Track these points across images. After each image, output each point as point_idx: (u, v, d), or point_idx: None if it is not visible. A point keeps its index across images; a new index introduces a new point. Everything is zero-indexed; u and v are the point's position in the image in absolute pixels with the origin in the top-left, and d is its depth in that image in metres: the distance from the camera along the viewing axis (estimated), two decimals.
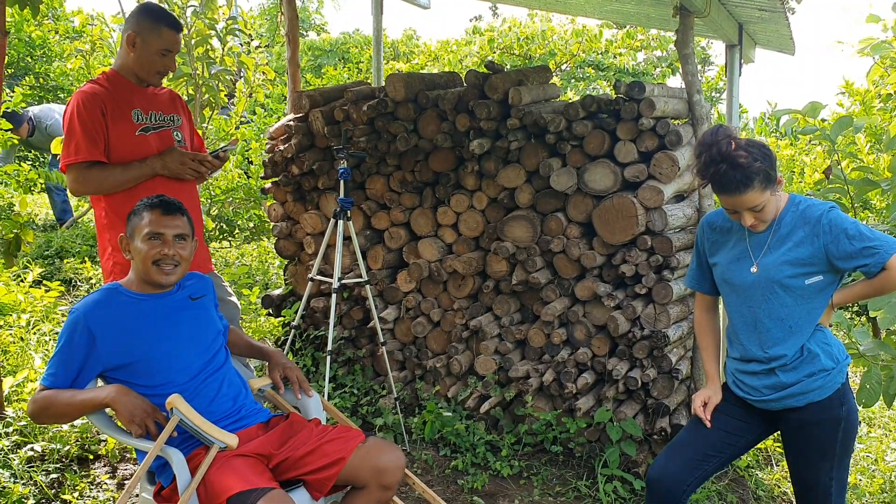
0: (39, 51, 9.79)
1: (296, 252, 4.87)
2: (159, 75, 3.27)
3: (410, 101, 4.24)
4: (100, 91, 3.14)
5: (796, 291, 2.48)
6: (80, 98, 3.10)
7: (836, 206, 2.47)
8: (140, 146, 3.20)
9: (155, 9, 3.28)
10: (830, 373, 2.50)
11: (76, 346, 2.39)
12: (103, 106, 3.11)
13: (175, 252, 2.51)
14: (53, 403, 2.36)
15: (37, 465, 3.42)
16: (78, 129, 3.07)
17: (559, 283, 4.02)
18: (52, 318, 4.95)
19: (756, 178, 2.36)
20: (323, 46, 15.91)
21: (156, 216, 2.50)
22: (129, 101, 3.21)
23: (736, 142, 2.39)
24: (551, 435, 3.91)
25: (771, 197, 2.42)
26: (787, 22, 4.48)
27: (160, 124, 3.31)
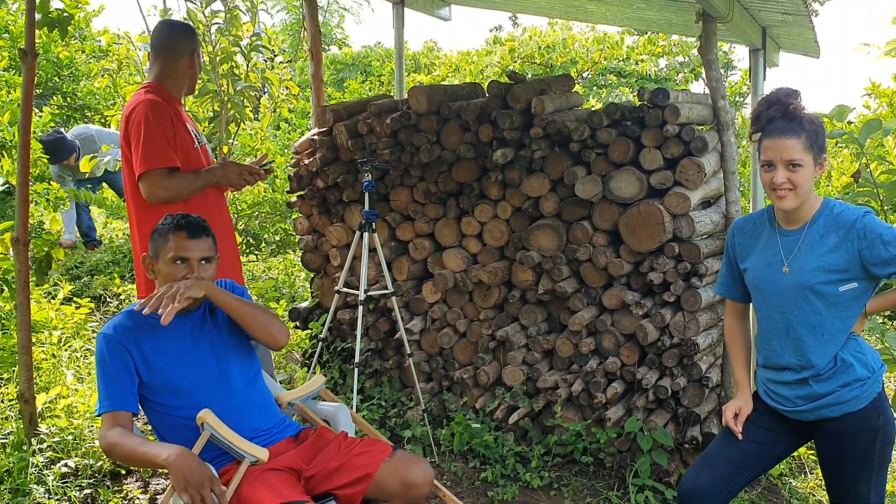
0: (66, 70, 9.94)
1: (322, 264, 4.89)
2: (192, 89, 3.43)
3: (433, 113, 4.25)
4: (162, 102, 3.21)
5: (829, 298, 2.43)
6: (148, 107, 3.13)
7: (872, 210, 2.42)
8: (197, 158, 3.30)
9: (175, 22, 3.45)
10: (866, 382, 2.45)
11: (113, 365, 2.40)
12: (170, 113, 3.18)
13: (200, 276, 2.51)
14: (117, 447, 2.32)
15: (70, 481, 3.45)
16: (157, 134, 3.09)
17: (586, 292, 4.00)
18: (83, 334, 5.01)
19: (803, 131, 2.37)
20: (345, 60, 16.01)
21: (182, 239, 2.50)
22: (180, 114, 3.30)
23: (797, 101, 2.42)
24: (581, 445, 3.89)
25: (810, 169, 2.39)
26: (812, 25, 4.44)
27: (201, 138, 3.42)
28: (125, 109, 3.28)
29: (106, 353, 2.41)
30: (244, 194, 7.28)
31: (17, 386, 3.74)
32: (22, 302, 3.60)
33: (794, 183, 2.39)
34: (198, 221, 2.56)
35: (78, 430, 3.72)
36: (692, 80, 12.87)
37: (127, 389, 2.40)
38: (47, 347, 4.52)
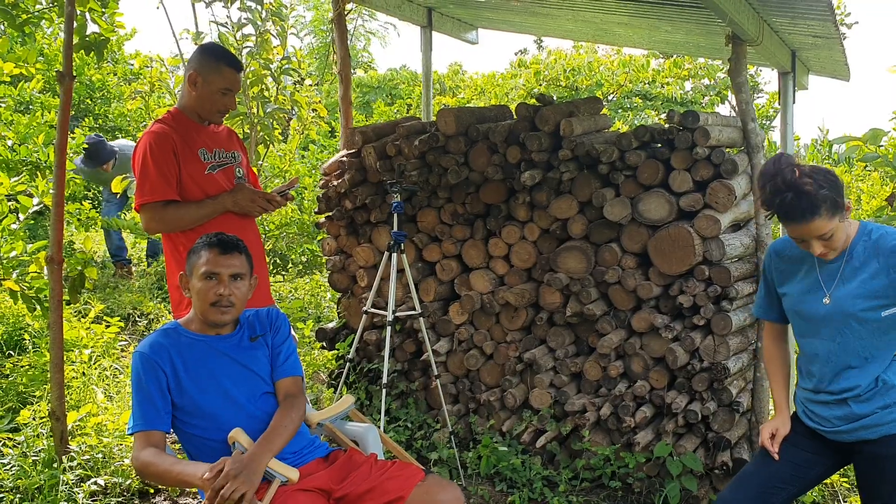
0: (99, 93, 10.13)
1: (349, 285, 4.91)
2: (220, 114, 3.34)
3: (461, 135, 4.27)
4: (168, 131, 3.20)
5: (872, 324, 2.41)
6: (151, 138, 3.17)
7: None
8: (210, 184, 3.28)
9: (216, 48, 3.37)
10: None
11: (148, 382, 2.42)
12: (174, 145, 3.18)
13: (231, 292, 2.52)
14: (151, 466, 2.33)
15: (100, 499, 3.47)
16: (152, 168, 3.12)
17: (615, 315, 3.98)
18: (113, 353, 5.06)
19: (823, 205, 2.31)
20: (370, 83, 16.16)
21: (213, 255, 2.53)
22: (194, 141, 3.28)
23: (800, 169, 2.35)
24: (609, 470, 3.85)
25: (840, 224, 2.37)
26: (842, 47, 4.43)
27: (224, 161, 3.39)
28: None
29: (141, 371, 2.43)
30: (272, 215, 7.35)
31: (48, 404, 3.78)
32: (55, 321, 3.65)
33: (830, 247, 2.41)
34: (231, 239, 2.59)
35: (107, 449, 3.75)
36: (718, 102, 12.84)
37: (160, 408, 2.42)
38: (77, 366, 4.57)
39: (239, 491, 2.18)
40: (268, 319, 2.72)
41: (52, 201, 3.62)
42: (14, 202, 4.43)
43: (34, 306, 4.04)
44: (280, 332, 2.72)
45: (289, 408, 2.55)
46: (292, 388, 2.64)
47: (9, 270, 4.01)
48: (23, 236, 4.49)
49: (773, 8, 3.61)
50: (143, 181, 3.14)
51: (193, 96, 3.27)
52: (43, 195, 4.40)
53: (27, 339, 5.10)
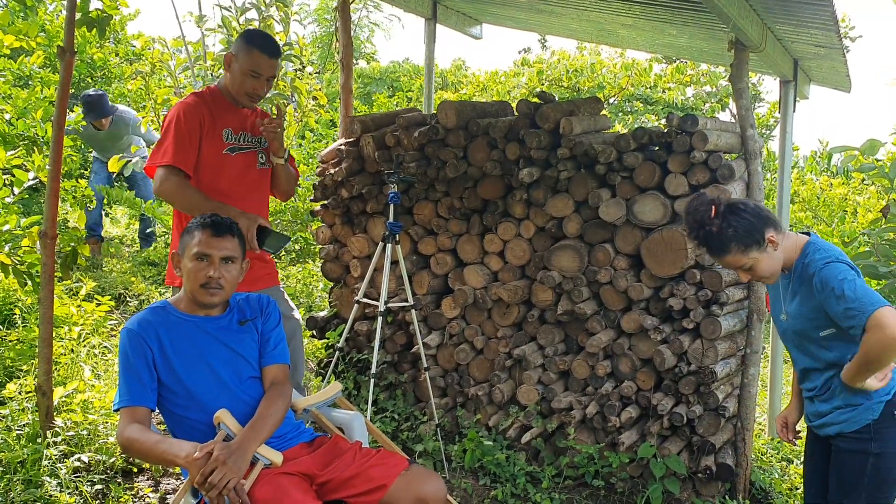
0: (99, 72, 10.07)
1: (342, 275, 4.91)
2: (248, 96, 3.39)
3: (461, 129, 4.27)
4: (200, 104, 3.31)
5: (816, 341, 2.63)
6: (183, 108, 3.27)
7: (833, 260, 2.53)
8: (224, 164, 3.34)
9: (255, 32, 3.44)
10: (857, 408, 2.59)
11: (136, 359, 2.43)
12: (202, 118, 3.27)
13: (221, 274, 2.52)
14: (136, 443, 2.33)
15: (83, 476, 3.47)
16: (173, 135, 3.21)
17: (605, 315, 3.99)
18: (102, 331, 5.05)
19: (731, 244, 2.55)
20: (372, 74, 16.12)
21: (206, 236, 2.52)
22: (223, 120, 3.36)
23: (716, 208, 2.56)
24: (593, 469, 3.86)
25: (761, 256, 2.57)
26: (844, 59, 4.44)
27: (247, 146, 3.44)
28: None
29: (128, 347, 2.43)
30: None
31: (35, 378, 3.77)
32: (45, 296, 3.64)
33: (755, 276, 2.64)
34: (224, 221, 2.58)
35: (92, 426, 3.74)
36: (719, 110, 12.84)
37: (146, 385, 2.42)
38: (66, 342, 4.56)
39: (227, 477, 2.19)
40: (258, 305, 2.72)
41: (48, 176, 3.61)
42: (9, 176, 4.42)
43: (25, 281, 4.03)
44: (271, 318, 2.72)
45: (276, 395, 2.56)
46: (279, 376, 2.64)
47: (1, 244, 3.99)
48: (16, 210, 4.47)
49: (778, 15, 3.62)
50: (161, 144, 3.24)
51: (228, 77, 3.38)
52: (39, 170, 4.38)
53: (17, 313, 5.09)
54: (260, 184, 3.54)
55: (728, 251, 2.56)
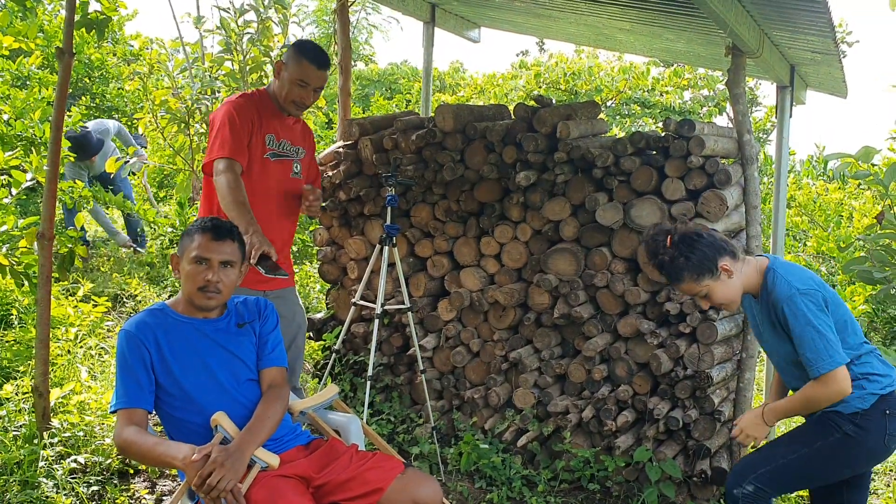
0: (97, 72, 10.08)
1: (339, 277, 4.92)
2: (294, 105, 3.45)
3: (459, 132, 4.28)
4: (251, 106, 3.39)
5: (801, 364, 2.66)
6: (235, 106, 3.35)
7: (795, 293, 2.60)
8: (262, 169, 3.41)
9: (306, 43, 3.50)
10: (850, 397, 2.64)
11: (133, 361, 2.43)
12: (254, 118, 3.36)
13: (219, 279, 2.53)
14: (133, 445, 2.34)
15: (79, 477, 3.47)
16: (228, 129, 3.27)
17: (602, 319, 4.00)
18: (99, 332, 5.05)
19: (684, 273, 2.67)
20: (370, 77, 16.12)
21: (206, 240, 2.52)
22: (269, 125, 3.43)
23: (671, 238, 2.68)
24: (589, 472, 3.87)
25: (715, 284, 2.68)
26: (841, 65, 4.45)
27: (284, 153, 3.51)
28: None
29: (126, 349, 2.44)
30: None
31: (32, 379, 3.77)
32: (43, 297, 3.64)
33: (713, 303, 2.75)
34: (225, 225, 2.59)
35: (89, 427, 3.74)
36: (716, 114, 12.86)
37: (144, 387, 2.42)
38: (63, 343, 4.56)
39: (224, 480, 2.20)
40: (256, 308, 2.72)
41: (46, 177, 3.61)
42: (7, 177, 4.42)
43: (22, 282, 4.03)
44: (268, 321, 2.73)
45: (274, 398, 2.56)
46: (277, 379, 2.65)
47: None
48: (14, 211, 4.47)
49: (775, 21, 3.63)
50: (217, 139, 3.29)
51: (276, 84, 3.45)
52: (36, 171, 4.38)
53: (14, 314, 5.08)
54: (293, 193, 3.59)
55: (682, 279, 2.69)
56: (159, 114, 6.38)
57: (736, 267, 2.70)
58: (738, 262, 2.72)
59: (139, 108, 7.54)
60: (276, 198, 3.48)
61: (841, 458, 2.72)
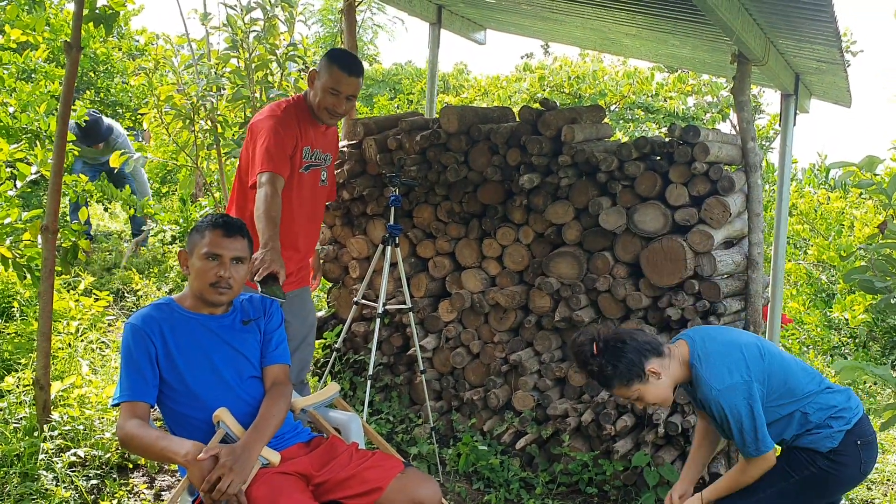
0: (102, 67, 10.07)
1: (340, 275, 4.92)
2: (328, 113, 3.44)
3: (463, 134, 4.29)
4: (295, 118, 3.39)
5: None
6: (280, 120, 3.33)
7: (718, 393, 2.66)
8: (299, 182, 3.44)
9: (338, 52, 3.53)
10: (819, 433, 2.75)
11: (139, 354, 2.43)
12: (297, 136, 3.37)
13: (231, 275, 2.54)
14: (135, 439, 2.34)
15: (78, 471, 3.48)
16: (271, 142, 3.26)
17: (603, 323, 4.00)
18: (100, 327, 5.06)
19: (612, 381, 2.72)
20: (374, 76, 16.14)
21: (216, 237, 2.53)
22: (306, 135, 3.44)
23: (597, 346, 2.72)
24: (587, 476, 3.87)
25: (644, 387, 2.72)
26: (845, 74, 4.47)
27: (316, 163, 3.54)
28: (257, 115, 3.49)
29: (131, 342, 2.44)
30: None
31: (33, 372, 3.78)
32: (45, 290, 3.65)
33: (647, 404, 2.81)
34: (235, 222, 2.60)
35: (89, 421, 3.75)
36: (719, 120, 12.88)
37: (148, 381, 2.43)
38: (64, 337, 4.56)
39: (235, 484, 2.21)
40: (262, 305, 2.73)
41: (52, 170, 3.62)
42: (12, 169, 4.42)
43: (24, 274, 4.03)
44: (273, 318, 2.73)
45: (278, 396, 2.57)
46: (281, 376, 2.65)
47: (2, 237, 4.00)
48: (18, 204, 4.47)
49: (781, 30, 3.64)
50: (266, 154, 3.26)
51: (311, 93, 3.45)
52: (41, 164, 4.39)
53: (15, 307, 5.09)
54: (320, 201, 3.67)
55: (612, 387, 2.75)
56: (164, 110, 6.38)
57: (663, 365, 2.75)
58: (665, 359, 2.76)
59: (144, 104, 7.53)
60: (307, 207, 3.54)
61: (819, 490, 2.79)
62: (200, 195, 8.00)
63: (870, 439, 2.80)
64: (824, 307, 7.59)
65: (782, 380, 2.75)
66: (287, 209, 3.32)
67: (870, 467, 2.82)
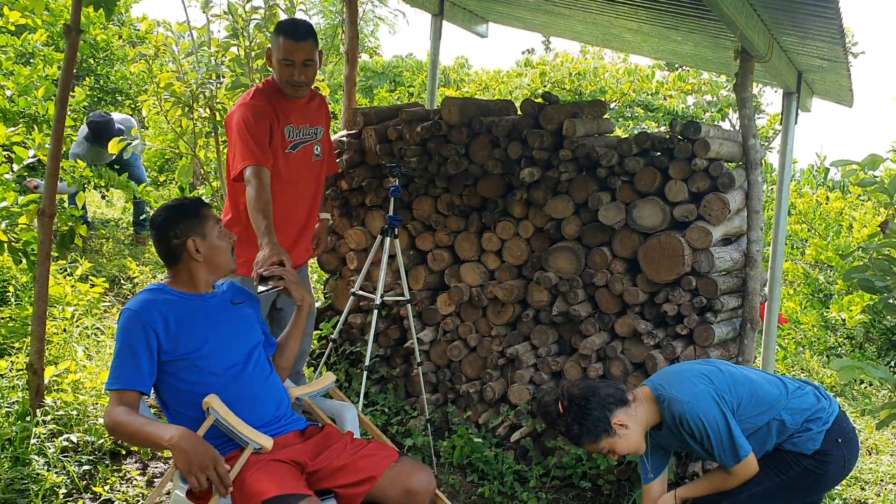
0: (102, 53, 10.04)
1: (338, 266, 4.91)
2: (290, 85, 3.39)
3: (464, 126, 4.27)
4: (266, 104, 3.34)
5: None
6: (249, 111, 3.29)
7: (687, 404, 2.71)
8: (287, 164, 3.41)
9: (282, 22, 3.48)
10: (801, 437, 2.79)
11: (136, 342, 2.41)
12: (271, 120, 3.32)
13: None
14: (121, 426, 2.33)
15: (71, 456, 3.47)
16: (249, 136, 3.23)
17: (599, 318, 4.00)
18: (95, 313, 5.04)
19: (581, 439, 2.76)
20: (375, 68, 16.11)
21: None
22: (285, 116, 3.41)
23: (563, 404, 2.76)
24: (580, 470, 3.87)
25: (613, 440, 2.74)
26: (848, 73, 4.45)
27: (305, 139, 3.50)
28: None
29: (130, 329, 2.42)
30: None
31: (27, 356, 3.76)
32: (41, 274, 3.64)
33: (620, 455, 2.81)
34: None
35: (82, 407, 3.74)
36: (718, 119, 12.87)
37: (143, 369, 2.40)
38: (59, 322, 4.55)
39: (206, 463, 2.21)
40: (244, 293, 2.80)
41: (49, 154, 3.60)
42: (10, 153, 4.40)
43: (20, 259, 4.01)
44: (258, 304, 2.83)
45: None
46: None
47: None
48: (14, 188, 4.46)
49: (785, 26, 3.62)
50: (244, 148, 3.24)
51: (277, 72, 3.39)
52: (39, 148, 4.37)
53: (11, 291, 5.07)
54: (316, 177, 3.62)
55: (582, 444, 2.79)
56: (163, 97, 6.35)
57: (630, 414, 2.77)
58: (631, 407, 2.78)
59: (143, 91, 7.51)
60: (300, 187, 3.52)
61: (803, 489, 2.83)
62: (198, 184, 7.97)
63: (850, 436, 2.85)
64: (821, 307, 7.59)
65: (749, 390, 2.80)
66: (281, 193, 3.29)
67: (853, 464, 2.86)
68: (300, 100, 3.50)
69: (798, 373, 6.77)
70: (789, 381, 2.94)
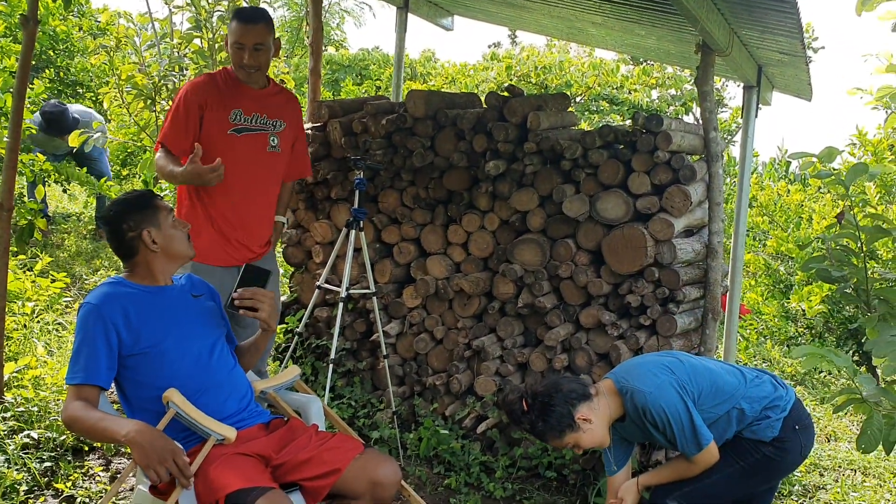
0: (62, 45, 9.86)
1: (303, 260, 4.89)
2: (242, 69, 3.42)
3: (429, 119, 4.28)
4: (209, 84, 3.40)
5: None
6: (190, 87, 3.40)
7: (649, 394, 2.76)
8: (226, 145, 3.37)
9: (239, 8, 3.50)
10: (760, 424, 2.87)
11: (95, 336, 2.38)
12: (205, 99, 3.34)
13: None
14: (78, 421, 2.30)
15: (32, 453, 3.42)
16: (171, 114, 3.37)
17: (564, 309, 4.03)
18: (56, 308, 4.97)
19: (546, 435, 2.81)
20: (341, 62, 16.03)
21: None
22: (234, 100, 3.40)
23: (527, 402, 2.80)
24: (546, 460, 3.91)
25: (577, 435, 2.79)
26: (807, 67, 4.52)
27: (257, 127, 3.48)
28: None
29: (89, 323, 2.39)
30: None
31: None
32: (0, 269, 3.57)
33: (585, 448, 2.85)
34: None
35: (44, 403, 3.69)
36: (682, 113, 13.03)
37: (102, 363, 2.38)
38: (19, 318, 4.48)
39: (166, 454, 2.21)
40: (203, 285, 2.79)
41: (7, 146, 3.54)
42: None
43: None
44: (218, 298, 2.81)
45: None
46: None
47: None
48: None
49: (744, 20, 3.68)
50: (165, 125, 3.42)
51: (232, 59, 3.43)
52: None
53: None
54: (269, 167, 3.58)
55: (547, 440, 2.84)
56: (125, 89, 6.26)
57: (593, 408, 2.81)
58: (594, 401, 2.82)
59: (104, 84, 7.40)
60: (247, 173, 3.47)
61: (762, 475, 2.90)
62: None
63: (806, 423, 2.94)
64: (782, 298, 7.73)
65: (709, 380, 2.86)
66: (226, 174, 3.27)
67: (809, 450, 2.95)
68: (259, 89, 3.50)
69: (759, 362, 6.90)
70: (747, 370, 3.00)
